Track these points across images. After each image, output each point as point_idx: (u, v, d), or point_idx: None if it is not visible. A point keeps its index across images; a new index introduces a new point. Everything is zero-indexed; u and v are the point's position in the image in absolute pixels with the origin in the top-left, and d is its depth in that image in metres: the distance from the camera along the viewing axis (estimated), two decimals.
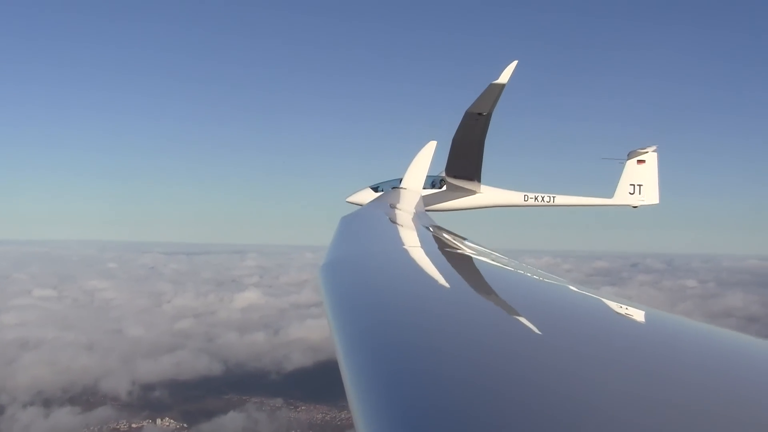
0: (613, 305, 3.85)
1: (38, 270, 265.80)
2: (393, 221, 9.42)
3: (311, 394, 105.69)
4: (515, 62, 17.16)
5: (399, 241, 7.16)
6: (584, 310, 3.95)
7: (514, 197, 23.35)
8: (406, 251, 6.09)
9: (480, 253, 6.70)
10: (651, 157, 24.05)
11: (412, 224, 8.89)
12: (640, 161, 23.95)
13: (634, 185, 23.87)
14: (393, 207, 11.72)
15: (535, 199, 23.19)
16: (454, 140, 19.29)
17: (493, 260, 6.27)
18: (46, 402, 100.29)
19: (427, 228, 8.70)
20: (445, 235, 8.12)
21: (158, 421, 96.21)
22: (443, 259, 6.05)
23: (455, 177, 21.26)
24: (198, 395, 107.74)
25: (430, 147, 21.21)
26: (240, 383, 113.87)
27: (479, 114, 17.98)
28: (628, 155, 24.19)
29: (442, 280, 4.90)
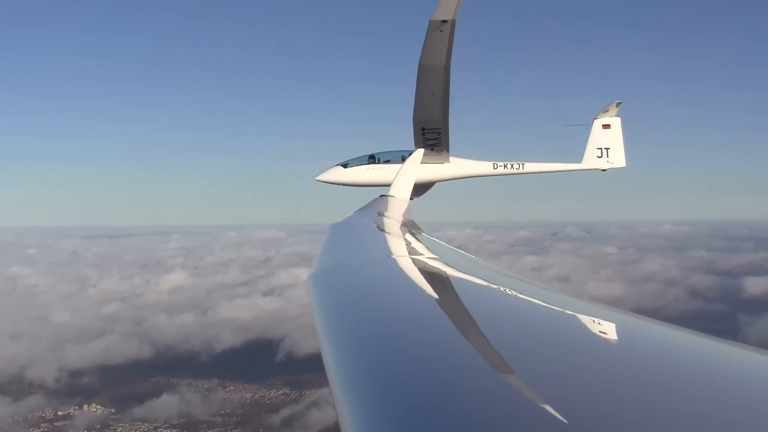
0: (606, 316, 3.80)
1: None
2: (381, 230, 9.41)
3: (241, 374, 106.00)
4: None
5: (388, 250, 7.17)
6: (573, 319, 3.86)
7: (484, 167, 23.10)
8: (394, 261, 6.09)
9: (468, 262, 6.73)
10: (615, 121, 24.20)
11: (400, 233, 8.85)
12: (605, 126, 24.06)
13: (601, 149, 23.93)
14: (381, 215, 11.70)
15: (504, 166, 22.94)
16: (420, 63, 17.90)
17: (480, 268, 6.30)
18: None
19: (416, 237, 8.63)
20: (434, 243, 8.16)
21: (85, 407, 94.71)
22: (432, 268, 5.99)
23: (425, 126, 20.15)
24: (128, 379, 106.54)
25: (418, 154, 20.63)
26: (171, 365, 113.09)
27: (443, 22, 16.57)
28: (593, 119, 24.31)
29: (430, 290, 4.86)
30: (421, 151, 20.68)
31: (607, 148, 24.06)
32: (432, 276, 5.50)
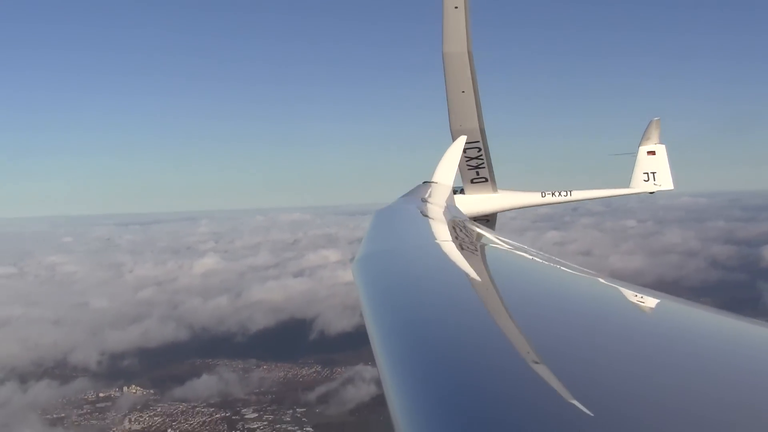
0: (643, 297, 3.57)
1: None
2: (425, 215, 9.02)
3: (275, 353, 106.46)
4: None
5: (431, 235, 6.91)
6: (615, 301, 3.77)
7: (533, 197, 23.19)
8: (438, 245, 5.91)
9: (511, 247, 6.54)
10: (660, 148, 24.44)
11: (443, 218, 8.62)
12: (650, 152, 24.35)
13: (647, 173, 24.14)
14: (425, 201, 11.32)
15: (553, 194, 23.06)
16: (443, 52, 17.63)
17: (523, 253, 6.11)
18: (22, 377, 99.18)
19: (459, 222, 8.42)
20: (476, 228, 7.88)
21: (125, 389, 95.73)
22: (475, 252, 6.03)
23: (460, 123, 19.38)
24: (166, 361, 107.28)
25: (461, 141, 19.15)
26: (207, 347, 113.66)
27: (455, 8, 16.57)
28: (638, 146, 24.59)
29: (473, 274, 4.75)
30: (463, 138, 19.44)
31: (653, 173, 24.25)
32: (475, 261, 5.53)
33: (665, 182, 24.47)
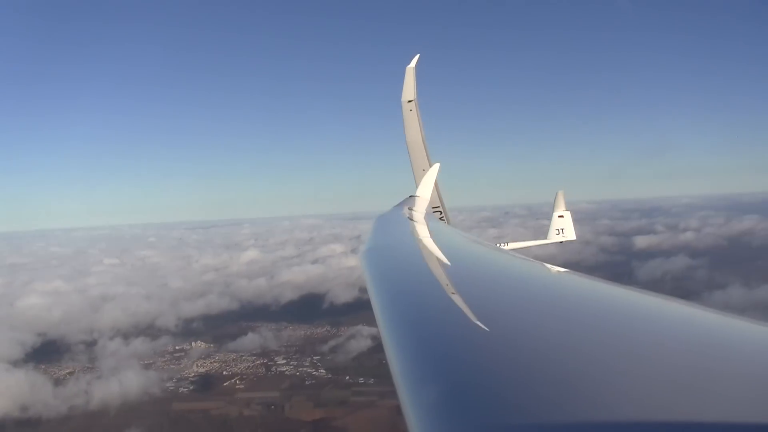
0: (623, 294, 2.92)
1: (105, 246, 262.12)
2: (412, 220, 8.70)
3: (298, 318, 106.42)
4: (417, 55, 15.19)
5: (416, 234, 6.64)
6: (575, 290, 3.18)
7: None
8: (421, 241, 5.79)
9: (469, 239, 6.53)
10: (567, 214, 26.24)
11: (424, 222, 8.25)
12: (560, 216, 26.06)
13: (558, 229, 25.81)
14: (411, 209, 10.74)
15: (495, 245, 23.48)
16: (406, 141, 16.70)
17: (478, 243, 6.11)
18: (125, 335, 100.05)
19: (435, 225, 8.31)
20: (447, 229, 8.27)
21: (194, 343, 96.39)
22: (446, 245, 5.78)
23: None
24: (223, 324, 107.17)
25: (435, 167, 17.46)
26: (251, 314, 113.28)
27: (409, 101, 15.88)
28: (553, 213, 26.31)
29: (445, 260, 4.70)
30: (437, 165, 17.69)
31: (562, 229, 25.99)
32: (446, 250, 5.41)
33: (570, 235, 26.28)
